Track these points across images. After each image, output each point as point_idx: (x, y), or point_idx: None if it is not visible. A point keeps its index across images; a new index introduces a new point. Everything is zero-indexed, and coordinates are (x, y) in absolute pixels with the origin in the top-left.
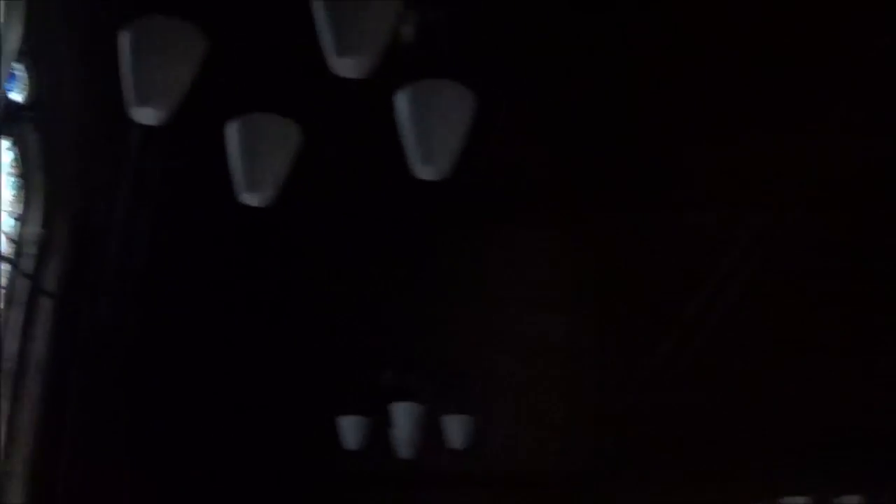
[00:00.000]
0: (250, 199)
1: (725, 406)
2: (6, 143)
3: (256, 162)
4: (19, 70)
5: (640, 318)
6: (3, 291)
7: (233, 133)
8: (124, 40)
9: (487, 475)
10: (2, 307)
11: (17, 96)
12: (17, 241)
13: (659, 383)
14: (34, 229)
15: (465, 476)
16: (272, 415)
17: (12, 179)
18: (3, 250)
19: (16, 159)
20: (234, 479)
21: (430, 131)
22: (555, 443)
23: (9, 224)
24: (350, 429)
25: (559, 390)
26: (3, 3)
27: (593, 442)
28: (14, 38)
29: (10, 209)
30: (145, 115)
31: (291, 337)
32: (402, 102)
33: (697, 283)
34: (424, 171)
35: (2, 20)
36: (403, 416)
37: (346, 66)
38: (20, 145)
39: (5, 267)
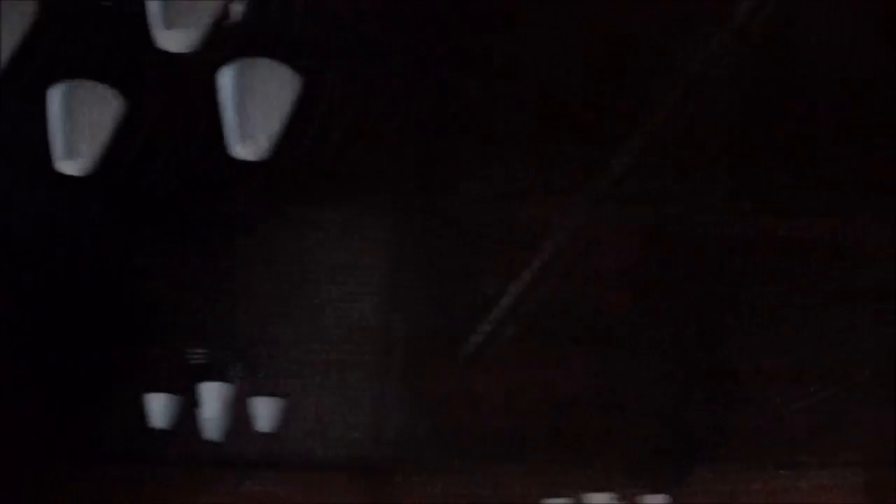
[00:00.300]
0: (68, 167)
1: (534, 397)
2: None
3: (76, 130)
4: None
5: (457, 304)
6: None
7: (54, 98)
8: None
9: (296, 459)
10: None
11: None
12: None
13: (471, 371)
14: None
15: (273, 459)
16: (78, 389)
17: None
18: None
19: None
20: (40, 452)
21: (250, 111)
22: (365, 428)
23: None
24: (158, 407)
25: (372, 375)
26: None
27: (404, 428)
28: None
29: None
30: None
31: (101, 312)
32: (224, 80)
33: (515, 271)
34: (242, 151)
35: None
36: (211, 397)
37: (171, 40)
38: None
39: None
